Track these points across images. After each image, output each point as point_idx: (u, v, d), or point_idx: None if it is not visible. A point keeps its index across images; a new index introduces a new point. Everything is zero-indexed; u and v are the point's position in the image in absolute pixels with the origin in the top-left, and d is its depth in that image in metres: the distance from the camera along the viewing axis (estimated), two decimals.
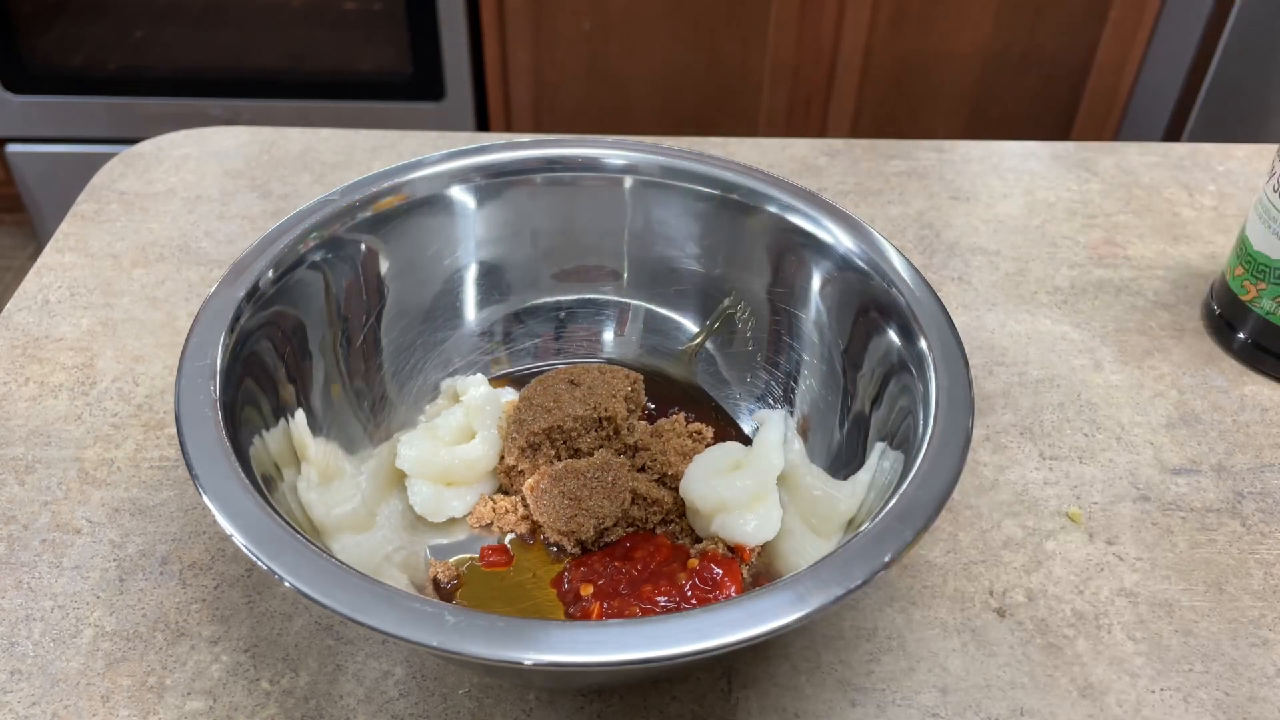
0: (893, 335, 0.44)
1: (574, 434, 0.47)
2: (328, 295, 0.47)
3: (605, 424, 0.47)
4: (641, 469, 0.47)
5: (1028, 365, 0.57)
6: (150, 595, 0.45)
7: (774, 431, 0.48)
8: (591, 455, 0.47)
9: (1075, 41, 1.37)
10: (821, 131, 1.47)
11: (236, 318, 0.42)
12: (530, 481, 0.46)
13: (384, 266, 0.50)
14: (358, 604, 0.32)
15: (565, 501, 0.45)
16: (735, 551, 0.44)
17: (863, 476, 0.43)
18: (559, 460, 0.47)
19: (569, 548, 0.45)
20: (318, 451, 0.45)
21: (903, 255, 0.46)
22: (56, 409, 0.53)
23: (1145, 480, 0.51)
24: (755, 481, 0.46)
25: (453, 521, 0.47)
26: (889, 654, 0.43)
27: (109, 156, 0.73)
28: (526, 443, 0.46)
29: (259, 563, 0.33)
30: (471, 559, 0.45)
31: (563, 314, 0.54)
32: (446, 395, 0.51)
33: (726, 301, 0.52)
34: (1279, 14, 1.24)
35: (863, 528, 0.36)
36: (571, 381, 0.48)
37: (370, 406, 0.49)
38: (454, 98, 1.44)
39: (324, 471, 0.44)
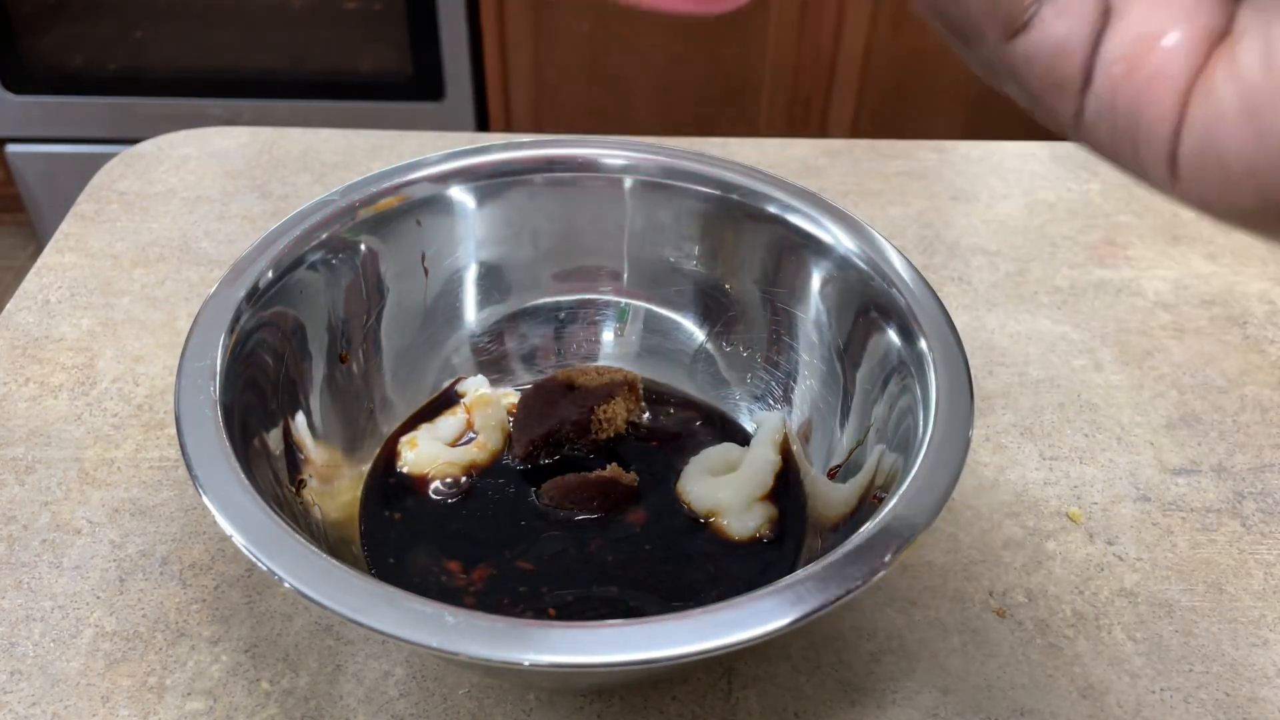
0: (893, 335, 0.44)
1: (573, 436, 0.47)
2: (328, 295, 0.47)
3: (605, 425, 0.47)
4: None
5: (1028, 365, 0.57)
6: (150, 595, 0.45)
7: (771, 432, 0.48)
8: (589, 457, 0.47)
9: None
10: (821, 132, 1.46)
11: (236, 318, 0.42)
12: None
13: (384, 266, 0.50)
14: (358, 604, 0.32)
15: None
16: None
17: (861, 477, 0.43)
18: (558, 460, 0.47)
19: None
20: (317, 453, 0.45)
21: (903, 255, 0.46)
22: (56, 409, 0.53)
23: (1145, 480, 0.51)
24: (752, 482, 0.46)
25: None
26: (889, 654, 0.43)
27: (109, 156, 0.73)
28: (524, 451, 0.47)
29: (259, 563, 0.33)
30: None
31: (562, 314, 0.54)
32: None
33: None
34: None
35: (863, 528, 0.36)
36: (570, 384, 0.48)
37: (370, 407, 0.49)
38: (454, 98, 1.44)
39: (323, 474, 0.44)
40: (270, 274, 0.44)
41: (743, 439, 0.50)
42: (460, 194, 0.51)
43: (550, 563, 0.43)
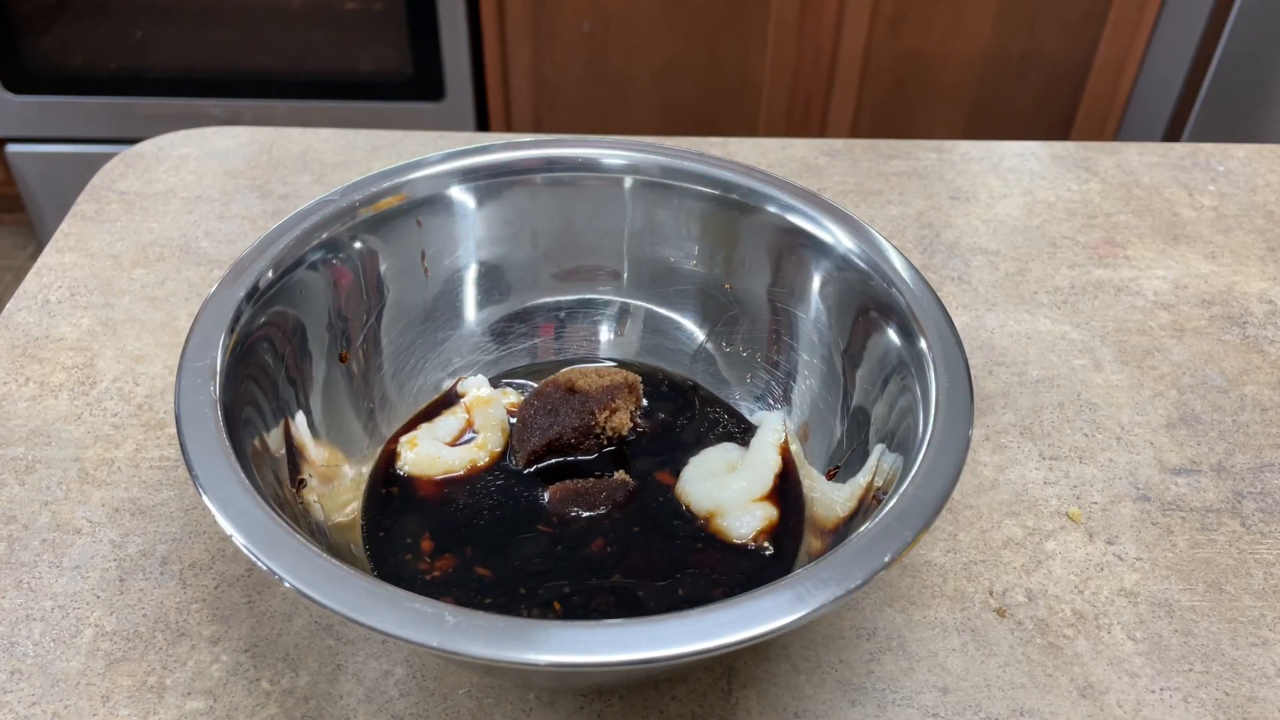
0: (893, 335, 0.44)
1: (574, 442, 0.47)
2: (328, 295, 0.47)
3: (606, 430, 0.47)
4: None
5: (1028, 365, 0.57)
6: (150, 595, 0.45)
7: (771, 432, 0.48)
8: (592, 457, 0.47)
9: (1075, 42, 1.37)
10: (821, 131, 1.47)
11: (236, 318, 0.42)
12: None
13: (384, 266, 0.50)
14: (358, 604, 0.32)
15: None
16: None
17: (861, 477, 0.43)
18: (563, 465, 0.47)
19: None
20: (317, 453, 0.45)
21: (903, 255, 0.46)
22: (57, 409, 0.53)
23: (1145, 480, 0.51)
24: (751, 483, 0.46)
25: None
26: (889, 654, 0.43)
27: (109, 156, 0.73)
28: (526, 461, 0.47)
29: (259, 563, 0.33)
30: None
31: (563, 314, 0.54)
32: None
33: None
34: (1279, 14, 1.24)
35: (863, 528, 0.36)
36: (570, 388, 0.48)
37: (370, 407, 0.49)
38: (454, 98, 1.44)
39: (323, 474, 0.44)
40: (270, 274, 0.44)
41: (744, 437, 0.50)
42: (460, 194, 0.51)
43: (552, 561, 0.43)
